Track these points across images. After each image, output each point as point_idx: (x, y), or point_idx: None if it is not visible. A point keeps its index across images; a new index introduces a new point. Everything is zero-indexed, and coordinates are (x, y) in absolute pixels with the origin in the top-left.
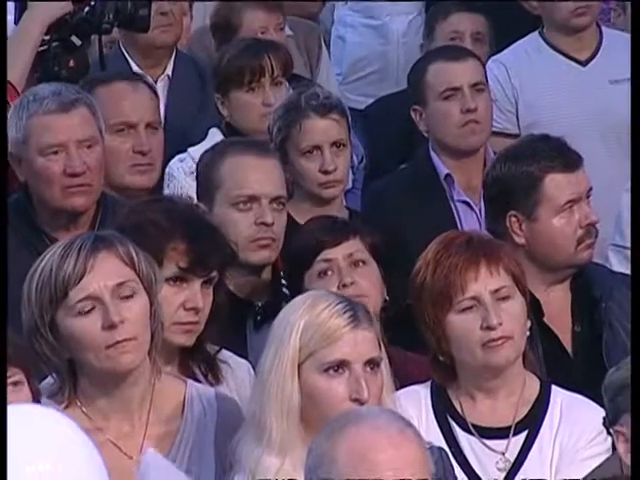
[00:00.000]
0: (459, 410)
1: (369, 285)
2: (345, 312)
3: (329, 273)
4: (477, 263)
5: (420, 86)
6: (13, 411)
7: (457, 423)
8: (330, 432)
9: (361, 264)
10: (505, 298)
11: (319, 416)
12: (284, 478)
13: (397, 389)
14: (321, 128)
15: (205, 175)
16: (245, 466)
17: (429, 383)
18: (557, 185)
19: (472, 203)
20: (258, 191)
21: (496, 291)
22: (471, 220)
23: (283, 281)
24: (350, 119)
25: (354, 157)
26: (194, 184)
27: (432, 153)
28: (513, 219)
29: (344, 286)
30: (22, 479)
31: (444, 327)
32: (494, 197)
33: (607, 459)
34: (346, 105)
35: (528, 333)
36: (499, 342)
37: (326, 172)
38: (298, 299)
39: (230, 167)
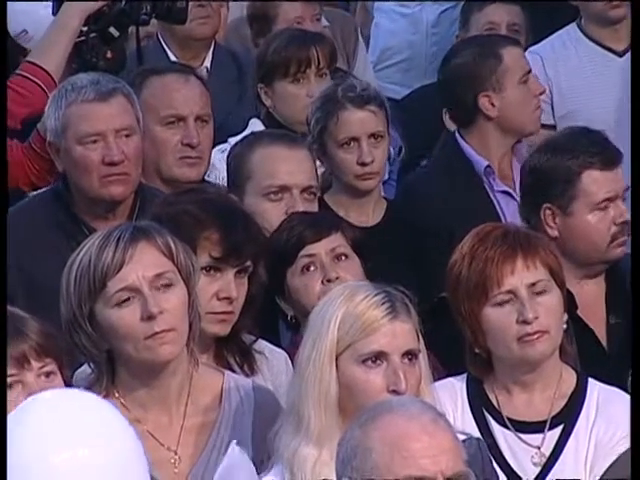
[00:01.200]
0: (495, 404)
1: (353, 279)
2: (383, 303)
3: (312, 268)
4: (514, 257)
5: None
6: (50, 396)
7: (493, 416)
8: (363, 423)
9: (344, 258)
10: (541, 292)
11: (357, 407)
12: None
13: None
14: (358, 120)
15: (236, 166)
16: (283, 456)
17: (464, 376)
18: (594, 182)
19: (513, 193)
20: (289, 181)
21: (532, 285)
22: (513, 210)
23: None
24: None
25: (391, 149)
26: None
27: (464, 144)
28: (548, 212)
29: (329, 281)
30: (59, 465)
31: (480, 320)
32: (530, 187)
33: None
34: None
35: (565, 326)
36: (535, 336)
37: (363, 164)
38: (336, 290)
39: (261, 158)
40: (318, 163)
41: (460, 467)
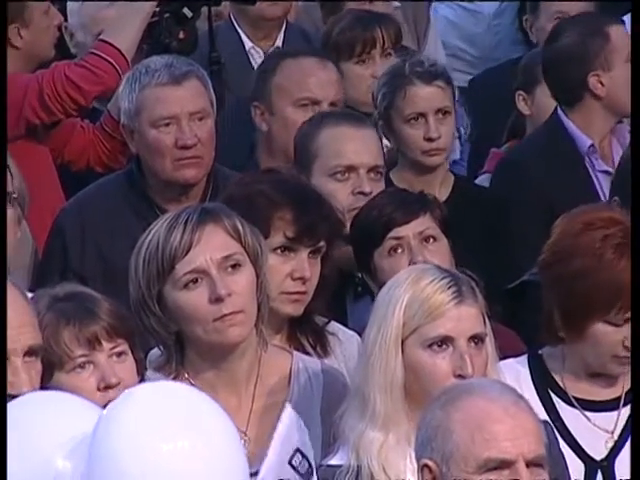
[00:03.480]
0: (560, 384)
1: (440, 262)
2: (449, 287)
3: (399, 251)
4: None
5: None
6: (150, 389)
7: (559, 396)
8: (443, 404)
9: (432, 240)
10: None
11: (422, 391)
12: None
13: None
14: (425, 95)
15: (302, 146)
16: (349, 439)
17: (525, 357)
18: None
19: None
20: (355, 161)
21: None
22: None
23: None
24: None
25: (461, 128)
26: None
27: (568, 122)
28: None
29: (415, 264)
30: (160, 458)
31: None
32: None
33: None
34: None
35: None
36: None
37: (430, 139)
38: (402, 273)
39: (327, 138)
40: (384, 141)
41: (541, 450)
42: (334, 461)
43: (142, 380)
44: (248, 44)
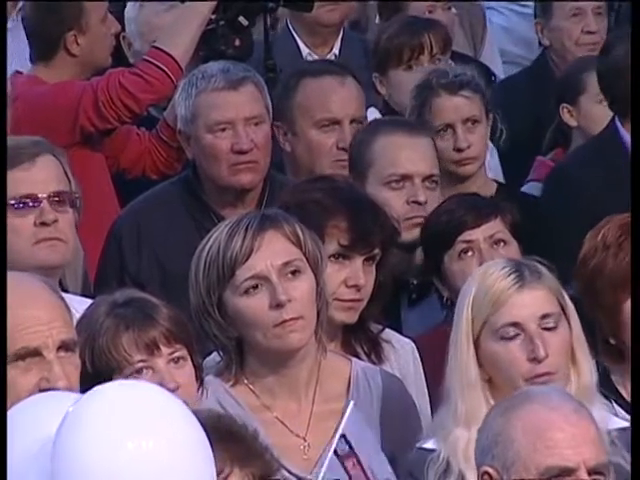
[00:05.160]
0: (624, 394)
1: None
2: (510, 274)
3: (469, 254)
4: None
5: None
6: (117, 387)
7: (623, 407)
8: (503, 411)
9: (502, 244)
10: None
11: (504, 382)
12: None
13: None
14: (451, 106)
15: (357, 154)
16: (437, 435)
17: None
18: None
19: None
20: (411, 170)
21: None
22: None
23: None
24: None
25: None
26: None
27: (623, 132)
28: None
29: None
30: (124, 456)
31: (621, 312)
32: None
33: None
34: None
35: None
36: None
37: (459, 150)
38: (475, 271)
39: (382, 146)
40: None
41: (602, 458)
42: (429, 445)
43: (201, 385)
44: (305, 51)
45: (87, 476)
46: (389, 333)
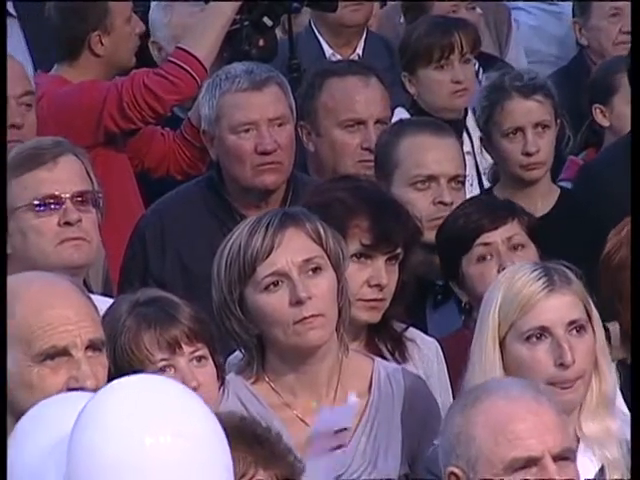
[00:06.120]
0: None
1: None
2: (539, 278)
3: (488, 257)
4: None
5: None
6: (133, 382)
7: None
8: (462, 408)
9: (520, 248)
10: None
11: None
12: None
13: None
14: (524, 109)
15: (383, 155)
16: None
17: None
18: None
19: None
20: (436, 171)
21: None
22: None
23: None
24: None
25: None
26: None
27: None
28: None
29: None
30: (142, 451)
31: None
32: None
33: None
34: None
35: None
36: None
37: (528, 154)
38: (501, 273)
39: (408, 147)
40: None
41: (566, 443)
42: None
43: (222, 385)
44: (328, 51)
45: (104, 471)
46: (413, 332)
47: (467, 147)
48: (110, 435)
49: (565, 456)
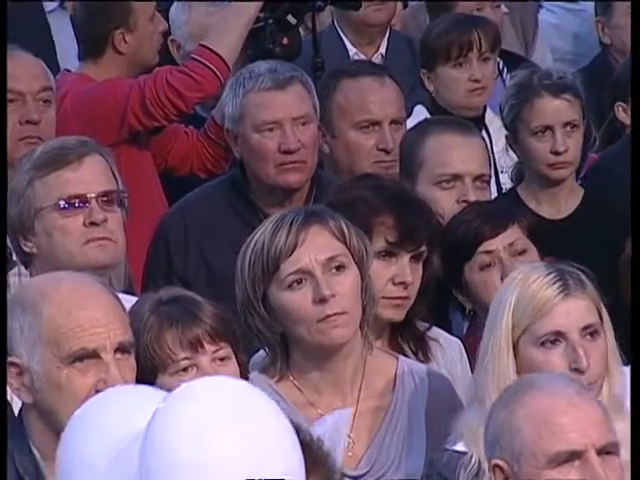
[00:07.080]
0: None
1: None
2: (555, 282)
3: (491, 265)
4: None
5: None
6: (206, 384)
7: None
8: (506, 402)
9: (522, 253)
10: None
11: None
12: None
13: None
14: (553, 108)
15: (408, 154)
16: (468, 439)
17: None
18: None
19: None
20: (462, 170)
21: None
22: None
23: None
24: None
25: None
26: None
27: None
28: None
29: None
30: (215, 452)
31: None
32: None
33: None
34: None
35: None
36: None
37: (557, 153)
38: (512, 275)
39: (433, 146)
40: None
41: (610, 437)
42: (458, 447)
43: None
44: (352, 50)
45: (178, 472)
46: (436, 331)
47: None
48: (184, 436)
49: (609, 450)
